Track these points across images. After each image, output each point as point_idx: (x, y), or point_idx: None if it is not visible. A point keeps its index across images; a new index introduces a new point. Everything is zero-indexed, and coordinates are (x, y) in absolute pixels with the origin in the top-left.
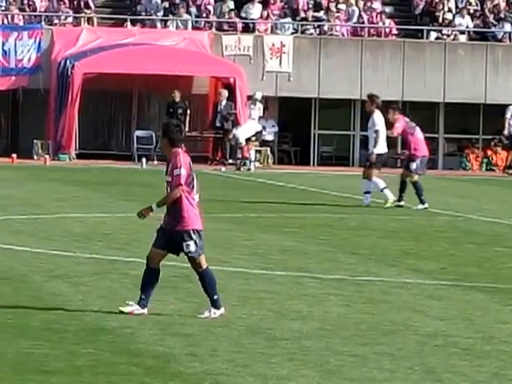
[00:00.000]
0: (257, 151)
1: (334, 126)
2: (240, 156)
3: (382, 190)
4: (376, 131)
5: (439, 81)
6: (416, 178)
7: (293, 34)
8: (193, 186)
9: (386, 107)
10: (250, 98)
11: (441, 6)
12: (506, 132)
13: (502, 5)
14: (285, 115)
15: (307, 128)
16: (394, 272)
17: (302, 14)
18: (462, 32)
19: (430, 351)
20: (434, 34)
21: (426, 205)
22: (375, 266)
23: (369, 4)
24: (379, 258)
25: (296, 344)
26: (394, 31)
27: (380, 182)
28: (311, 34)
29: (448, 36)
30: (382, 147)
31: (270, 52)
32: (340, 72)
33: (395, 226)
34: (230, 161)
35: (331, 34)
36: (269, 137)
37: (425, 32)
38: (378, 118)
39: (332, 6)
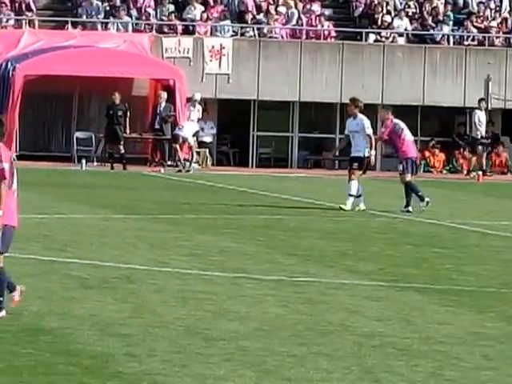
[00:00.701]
0: (196, 153)
1: (272, 127)
2: (183, 157)
3: (349, 195)
4: (368, 135)
5: (378, 83)
6: (408, 178)
7: (232, 36)
8: (12, 182)
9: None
10: (189, 99)
11: (380, 9)
12: (476, 135)
13: (441, 7)
14: (224, 117)
15: (246, 130)
16: (332, 273)
17: (246, 17)
18: (401, 34)
19: (367, 351)
20: (372, 37)
21: (410, 208)
22: (313, 266)
23: (308, 6)
24: (317, 258)
25: (233, 344)
26: (333, 33)
27: (355, 188)
28: (251, 36)
29: (387, 38)
30: (366, 151)
31: (209, 54)
32: (279, 74)
33: (333, 227)
34: (169, 162)
35: (270, 37)
36: (207, 138)
37: (363, 34)
38: (367, 121)
39: (271, 8)
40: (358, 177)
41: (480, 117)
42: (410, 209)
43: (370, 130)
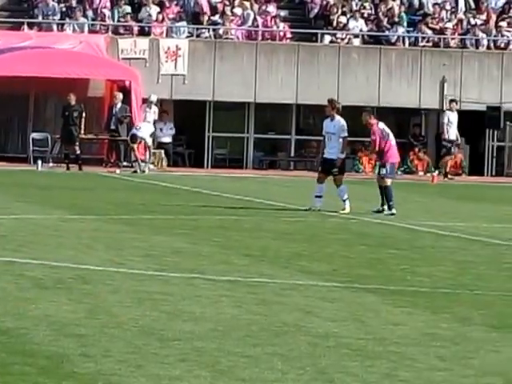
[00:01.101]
0: (152, 153)
1: (228, 128)
2: (141, 158)
3: (344, 200)
4: (344, 137)
5: (333, 84)
6: (389, 182)
7: (188, 37)
8: None
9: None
10: (145, 100)
11: (335, 10)
12: (448, 136)
13: (396, 9)
14: (179, 118)
15: (201, 130)
16: (287, 273)
17: (201, 18)
18: (356, 36)
19: (322, 352)
20: (328, 38)
21: (394, 210)
22: (268, 267)
23: (263, 8)
24: (272, 259)
25: (188, 345)
26: (289, 35)
27: (345, 190)
28: (206, 37)
29: (342, 40)
30: (344, 154)
31: (165, 55)
32: (235, 75)
33: (288, 227)
34: (125, 163)
35: (226, 38)
36: (166, 139)
37: (319, 36)
38: (344, 123)
39: (227, 9)
40: (342, 181)
41: (450, 117)
42: (394, 211)
43: (345, 133)
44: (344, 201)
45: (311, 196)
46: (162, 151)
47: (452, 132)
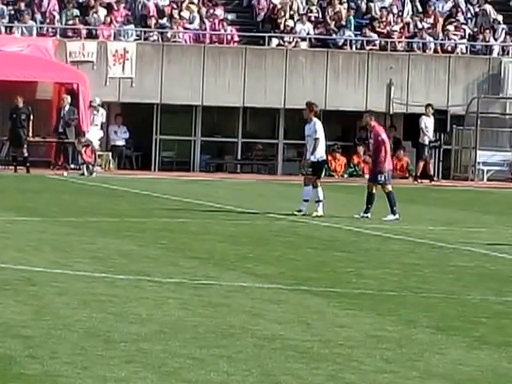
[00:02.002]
0: (98, 156)
1: (175, 131)
2: (88, 160)
3: (318, 201)
4: (316, 139)
5: (280, 87)
6: (390, 188)
7: (136, 40)
8: None
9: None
10: (90, 103)
11: (282, 13)
12: (423, 140)
13: (343, 12)
14: (127, 121)
15: (149, 133)
16: (233, 276)
17: (149, 21)
18: (303, 39)
19: (268, 354)
20: (275, 41)
21: (397, 215)
22: (214, 269)
23: (211, 11)
24: (218, 261)
25: (134, 346)
26: (236, 38)
27: (321, 193)
28: (154, 40)
29: (289, 43)
30: (321, 154)
31: (113, 58)
32: (182, 78)
33: (234, 230)
34: (72, 165)
35: (174, 41)
36: (120, 142)
37: (266, 39)
38: (319, 126)
39: (175, 13)
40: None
41: (426, 122)
42: (369, 215)
43: (317, 135)
44: (317, 202)
45: (299, 199)
46: (110, 154)
47: (429, 136)
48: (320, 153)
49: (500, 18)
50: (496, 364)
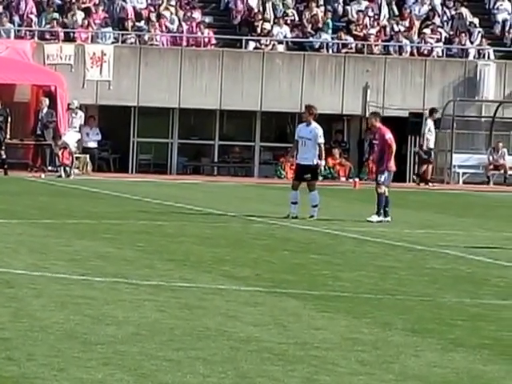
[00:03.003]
0: (76, 158)
1: (152, 133)
2: (66, 163)
3: (314, 206)
4: (320, 144)
5: (257, 90)
6: (383, 189)
7: (113, 43)
8: None
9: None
10: (68, 105)
11: (259, 17)
12: (424, 146)
13: (320, 15)
14: (104, 123)
15: (126, 136)
16: (209, 278)
17: (126, 24)
18: (280, 42)
19: (244, 356)
20: (252, 44)
21: (389, 218)
22: (191, 272)
23: (188, 14)
24: (195, 264)
25: (111, 348)
26: (213, 41)
27: (317, 198)
28: (132, 43)
29: (266, 46)
30: (318, 160)
31: (90, 61)
32: (159, 81)
33: (211, 232)
34: (50, 168)
35: (151, 44)
36: (92, 144)
37: (243, 42)
38: (321, 130)
39: (152, 15)
40: (315, 186)
41: (431, 127)
42: (389, 218)
43: (322, 139)
44: (313, 207)
45: (288, 203)
46: (87, 156)
47: (432, 140)
48: (318, 157)
49: (476, 21)
50: (471, 366)
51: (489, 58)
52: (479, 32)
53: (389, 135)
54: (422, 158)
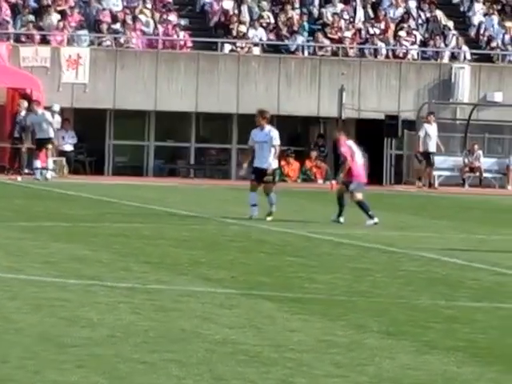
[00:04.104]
0: (53, 161)
1: (128, 136)
2: (38, 166)
3: (272, 204)
4: (275, 146)
5: (233, 92)
6: (359, 196)
7: (89, 45)
8: None
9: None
10: (46, 109)
11: (235, 19)
12: (420, 149)
13: (296, 18)
14: (80, 126)
15: (102, 138)
16: (185, 280)
17: (102, 26)
18: (256, 44)
19: (219, 358)
20: (228, 47)
21: (376, 219)
22: (166, 274)
23: (164, 17)
24: (170, 266)
25: (86, 351)
26: (189, 44)
27: (275, 198)
28: (108, 46)
29: (242, 48)
30: (276, 162)
31: (66, 63)
32: (135, 84)
33: (188, 235)
34: (26, 170)
35: (127, 47)
36: (68, 147)
37: (219, 44)
38: (275, 132)
39: (128, 18)
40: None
41: (428, 130)
42: (376, 220)
43: (276, 142)
44: (271, 205)
45: (248, 205)
46: (64, 159)
47: (432, 144)
48: (276, 160)
49: (451, 24)
50: (445, 368)
51: (465, 59)
52: (453, 35)
53: (344, 149)
54: (419, 160)
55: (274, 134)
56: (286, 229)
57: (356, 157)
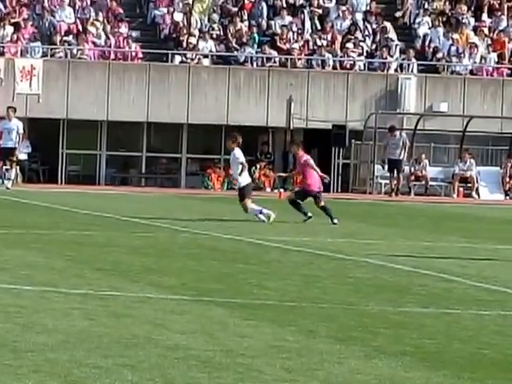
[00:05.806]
0: (7, 170)
1: (81, 145)
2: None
3: (260, 212)
4: (242, 163)
5: (183, 103)
6: (322, 202)
7: (43, 57)
8: None
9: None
10: (2, 119)
11: (185, 31)
12: (386, 160)
13: (245, 29)
14: (34, 135)
15: (55, 148)
16: (137, 287)
17: (55, 38)
18: (206, 56)
19: (171, 363)
20: (178, 58)
21: (336, 220)
22: (119, 281)
23: (116, 29)
24: (123, 273)
25: (41, 356)
26: (140, 55)
27: (255, 207)
28: (60, 57)
29: (192, 60)
30: (247, 178)
31: (20, 74)
32: (88, 94)
33: (139, 242)
34: None
35: (80, 58)
36: (22, 156)
37: (169, 56)
38: (239, 152)
39: (80, 30)
40: (249, 204)
41: (390, 142)
42: (336, 221)
43: (240, 160)
44: (261, 213)
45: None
46: (17, 168)
47: (398, 153)
48: (246, 176)
49: (395, 36)
50: (393, 373)
51: (412, 71)
52: (397, 45)
53: (305, 163)
54: (383, 169)
55: (238, 154)
56: (237, 236)
57: (314, 170)
